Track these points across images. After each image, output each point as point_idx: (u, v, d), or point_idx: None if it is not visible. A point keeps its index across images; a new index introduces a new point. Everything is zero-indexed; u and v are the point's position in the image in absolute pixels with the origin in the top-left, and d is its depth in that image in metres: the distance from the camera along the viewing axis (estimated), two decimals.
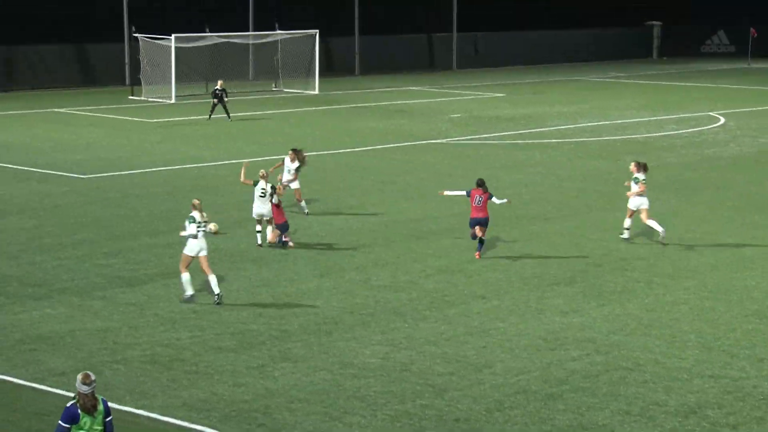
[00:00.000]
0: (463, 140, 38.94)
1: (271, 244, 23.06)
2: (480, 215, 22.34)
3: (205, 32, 52.34)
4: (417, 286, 20.49)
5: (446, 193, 23.82)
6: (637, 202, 23.94)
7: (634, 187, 23.86)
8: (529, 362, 16.51)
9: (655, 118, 45.70)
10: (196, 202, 19.46)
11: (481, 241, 22.50)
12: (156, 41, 49.95)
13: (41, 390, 15.15)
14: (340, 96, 52.58)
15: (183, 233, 19.25)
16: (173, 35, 49.28)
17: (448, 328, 18.05)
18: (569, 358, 16.66)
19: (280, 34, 54.77)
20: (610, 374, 16.04)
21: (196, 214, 19.18)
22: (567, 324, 18.34)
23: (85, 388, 11.16)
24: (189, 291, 19.20)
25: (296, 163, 25.87)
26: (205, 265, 19.17)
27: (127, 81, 53.76)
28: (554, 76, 65.02)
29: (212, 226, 23.74)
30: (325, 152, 35.62)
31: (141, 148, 35.88)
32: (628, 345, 17.30)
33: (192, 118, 43.97)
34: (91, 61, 55.38)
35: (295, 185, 25.88)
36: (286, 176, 25.65)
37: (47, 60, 53.93)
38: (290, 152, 26.22)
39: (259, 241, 23.33)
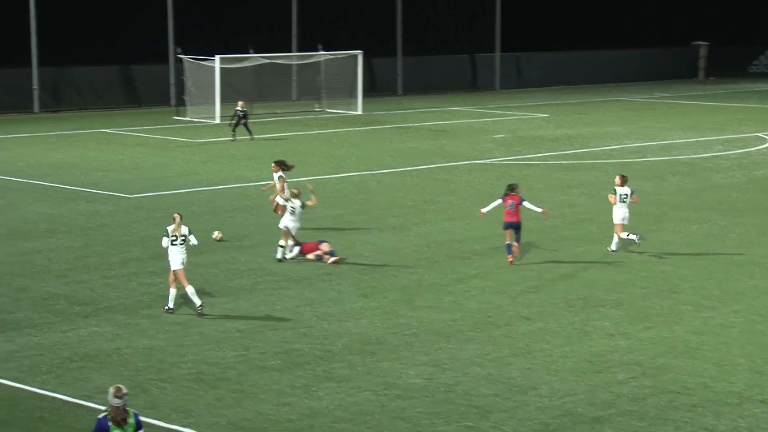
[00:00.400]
0: (506, 161, 38.86)
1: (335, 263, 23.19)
2: (513, 219, 23.31)
3: (248, 53, 52.67)
4: (461, 307, 20.43)
5: (484, 211, 24.16)
6: (624, 213, 24.52)
7: (619, 200, 24.53)
8: (575, 385, 16.39)
9: (701, 138, 45.37)
10: (175, 216, 19.84)
11: (517, 239, 23.50)
12: (200, 62, 50.35)
13: (89, 407, 15.25)
14: (383, 116, 52.69)
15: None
16: (217, 56, 49.65)
17: (492, 350, 17.97)
18: (615, 381, 16.53)
19: (323, 54, 55.02)
20: (657, 398, 15.88)
21: (170, 228, 19.62)
22: (613, 346, 18.20)
23: (116, 401, 11.35)
24: (197, 300, 19.61)
25: (279, 172, 25.88)
26: (181, 277, 19.60)
27: (172, 102, 54.22)
28: (598, 96, 64.78)
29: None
30: (368, 172, 35.68)
31: (186, 168, 36.14)
32: (676, 368, 17.14)
33: (236, 138, 44.21)
34: (136, 82, 55.92)
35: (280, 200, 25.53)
36: (280, 197, 25.45)
37: (94, 81, 54.52)
38: (273, 165, 26.48)
39: (279, 256, 23.53)
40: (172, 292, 19.70)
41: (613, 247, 24.77)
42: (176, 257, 19.56)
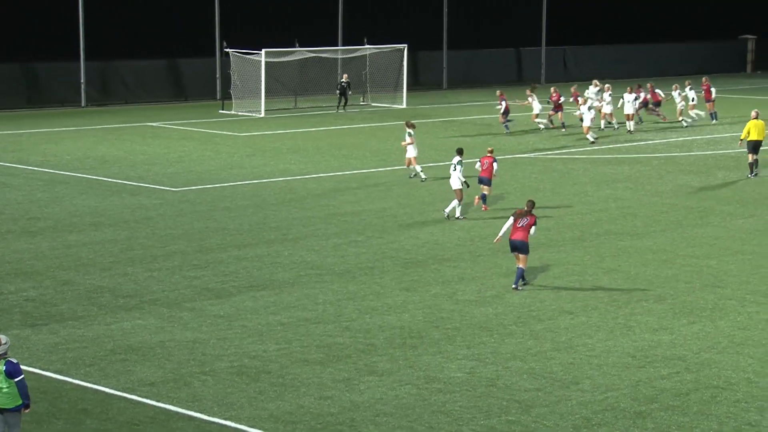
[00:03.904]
0: (551, 155, 38.67)
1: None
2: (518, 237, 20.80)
3: (294, 47, 52.81)
4: (503, 301, 20.38)
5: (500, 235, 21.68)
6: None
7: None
8: (617, 379, 16.31)
9: None
10: None
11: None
12: (246, 56, 50.56)
13: (132, 400, 15.39)
14: (428, 110, 52.58)
15: None
16: (263, 50, 49.83)
17: (534, 344, 17.92)
18: (659, 376, 16.42)
19: (368, 48, 55.02)
20: (700, 393, 15.76)
21: None
22: (656, 341, 18.08)
23: None
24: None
25: (410, 129, 32.68)
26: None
27: (218, 95, 54.49)
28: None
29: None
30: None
31: (230, 162, 36.32)
32: (720, 363, 16.99)
33: (281, 132, 44.40)
34: (183, 76, 56.25)
35: (412, 153, 32.65)
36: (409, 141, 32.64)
37: (140, 75, 54.90)
38: (406, 123, 33.31)
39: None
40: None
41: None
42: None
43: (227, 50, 51.32)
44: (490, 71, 66.04)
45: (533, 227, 21.17)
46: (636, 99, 44.29)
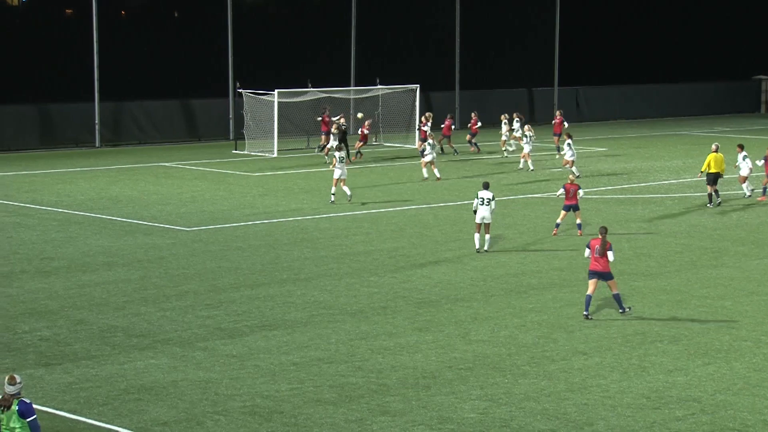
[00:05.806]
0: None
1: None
2: (598, 268, 21.89)
3: (307, 87, 53.05)
4: (516, 341, 20.31)
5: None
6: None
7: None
8: (632, 421, 16.20)
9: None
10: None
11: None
12: (259, 96, 50.80)
13: None
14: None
15: None
16: (276, 90, 50.07)
17: (548, 384, 17.83)
18: (674, 418, 16.31)
19: (381, 88, 55.24)
20: None
21: None
22: (671, 382, 17.97)
23: (10, 389, 12.76)
24: None
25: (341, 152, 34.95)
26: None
27: (231, 135, 54.72)
28: (657, 130, 64.28)
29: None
30: (425, 205, 35.69)
31: (243, 201, 36.41)
32: (735, 405, 16.87)
33: (293, 171, 44.52)
34: (196, 116, 56.53)
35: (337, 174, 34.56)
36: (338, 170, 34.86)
37: (154, 115, 55.20)
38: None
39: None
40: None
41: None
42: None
43: (240, 90, 51.60)
44: (503, 111, 66.06)
45: (610, 252, 21.84)
46: (569, 146, 40.94)
